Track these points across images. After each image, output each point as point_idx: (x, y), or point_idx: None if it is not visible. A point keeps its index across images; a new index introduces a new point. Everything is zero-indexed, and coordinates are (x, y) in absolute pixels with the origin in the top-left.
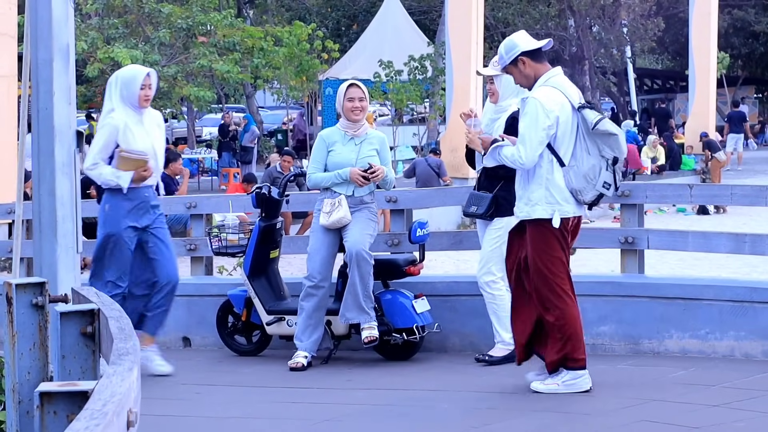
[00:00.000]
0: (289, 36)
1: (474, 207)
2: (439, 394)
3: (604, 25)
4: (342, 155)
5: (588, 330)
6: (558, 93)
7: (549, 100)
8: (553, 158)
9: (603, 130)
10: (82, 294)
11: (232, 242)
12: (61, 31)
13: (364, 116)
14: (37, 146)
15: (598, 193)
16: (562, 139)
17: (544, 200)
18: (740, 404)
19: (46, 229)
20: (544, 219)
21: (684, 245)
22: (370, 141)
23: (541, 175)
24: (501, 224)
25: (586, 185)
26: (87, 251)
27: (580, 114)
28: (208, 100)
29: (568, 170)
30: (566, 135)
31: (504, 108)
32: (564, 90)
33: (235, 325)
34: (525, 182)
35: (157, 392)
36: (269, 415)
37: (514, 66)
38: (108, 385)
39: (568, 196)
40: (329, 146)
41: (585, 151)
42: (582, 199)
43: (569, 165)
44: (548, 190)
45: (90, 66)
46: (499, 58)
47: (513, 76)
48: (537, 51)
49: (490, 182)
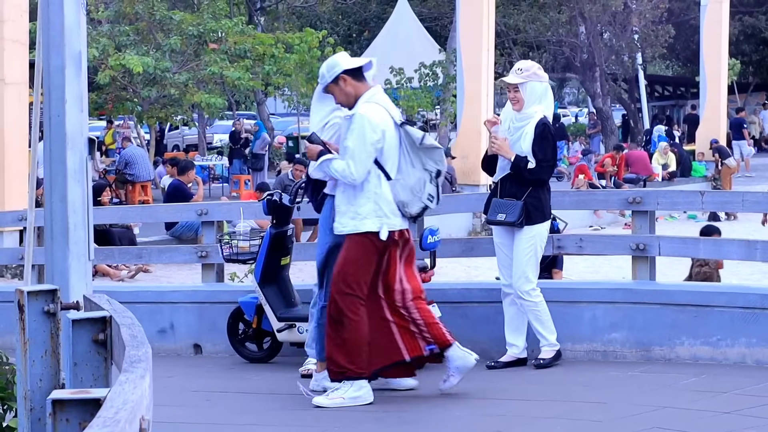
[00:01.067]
0: (300, 43)
1: (502, 215)
2: (450, 401)
3: (615, 31)
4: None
5: (599, 337)
6: (382, 110)
7: (375, 116)
8: (380, 173)
9: (429, 145)
10: (94, 301)
11: (243, 249)
12: (74, 38)
13: None
14: (49, 153)
15: (423, 205)
16: (389, 154)
17: (374, 214)
18: (752, 411)
19: (58, 236)
20: (371, 232)
21: (695, 252)
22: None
23: (370, 189)
24: (532, 232)
25: (412, 198)
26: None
27: (402, 130)
28: (219, 107)
29: (394, 183)
30: (392, 150)
31: (530, 115)
32: (387, 107)
33: (246, 332)
34: (351, 197)
35: (167, 399)
36: (280, 422)
37: (335, 84)
38: (120, 392)
39: (395, 208)
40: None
41: (410, 165)
42: (408, 212)
43: (395, 179)
44: (377, 204)
45: (101, 73)
46: (321, 77)
47: (333, 94)
48: (358, 70)
49: (519, 189)
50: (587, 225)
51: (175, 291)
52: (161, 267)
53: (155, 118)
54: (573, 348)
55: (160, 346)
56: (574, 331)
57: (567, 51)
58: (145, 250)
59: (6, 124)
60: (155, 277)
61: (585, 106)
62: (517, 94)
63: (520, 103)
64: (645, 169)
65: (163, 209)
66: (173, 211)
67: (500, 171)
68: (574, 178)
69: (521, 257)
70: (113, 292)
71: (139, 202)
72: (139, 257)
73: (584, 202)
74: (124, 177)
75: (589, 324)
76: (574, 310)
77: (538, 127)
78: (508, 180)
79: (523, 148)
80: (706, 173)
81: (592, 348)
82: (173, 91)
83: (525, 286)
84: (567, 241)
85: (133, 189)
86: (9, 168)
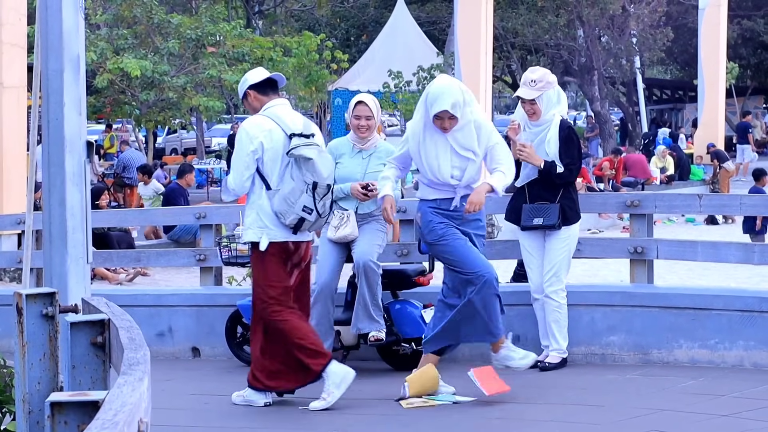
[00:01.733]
0: (298, 46)
1: (538, 219)
2: (448, 405)
3: (613, 35)
4: (348, 168)
5: (597, 340)
6: (267, 121)
7: (253, 127)
8: (263, 183)
9: (298, 155)
10: (93, 304)
11: (242, 252)
12: (72, 41)
13: (371, 133)
14: (48, 156)
15: (298, 216)
16: (271, 165)
17: (255, 224)
18: (750, 414)
19: (57, 239)
20: (255, 243)
21: (693, 255)
22: (378, 155)
23: (254, 200)
24: (568, 233)
25: (287, 208)
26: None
27: (290, 141)
28: (217, 111)
29: (273, 194)
30: (275, 161)
31: (548, 119)
32: (278, 118)
33: (244, 335)
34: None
35: (166, 402)
36: (277, 425)
37: (245, 99)
38: (119, 395)
39: (276, 219)
40: (336, 158)
41: (290, 176)
42: (285, 222)
43: (275, 189)
44: (258, 215)
45: (99, 77)
46: (239, 92)
47: (246, 107)
48: (262, 84)
49: (550, 192)
50: (585, 228)
51: (173, 294)
52: (159, 270)
53: (153, 121)
54: (571, 351)
55: (159, 349)
56: (572, 334)
57: (565, 54)
58: (143, 254)
59: (4, 128)
60: (153, 281)
61: (583, 110)
62: (534, 107)
63: (538, 114)
64: (643, 173)
65: (162, 213)
66: (171, 214)
67: (525, 177)
68: None
69: (555, 258)
70: (111, 296)
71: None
72: (137, 260)
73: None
74: (122, 180)
75: (587, 327)
76: (572, 313)
77: (562, 130)
78: (537, 184)
79: (549, 153)
80: (704, 177)
81: (590, 351)
82: (171, 95)
83: (555, 286)
84: None
85: (131, 192)
86: (7, 171)
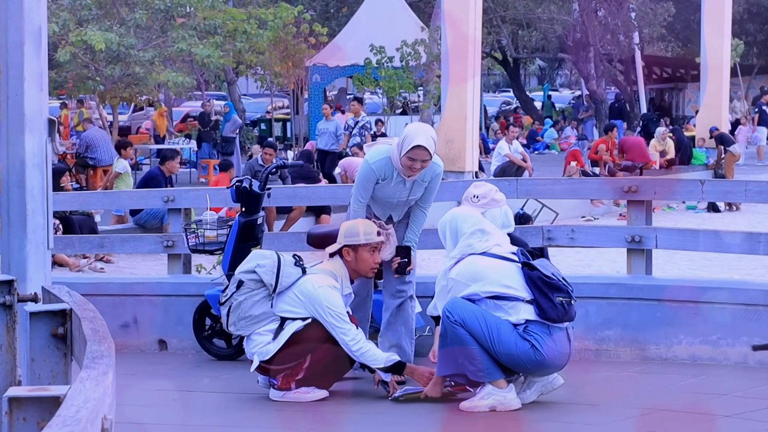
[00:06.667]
0: (274, 19)
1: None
2: (433, 402)
3: (611, 9)
4: (393, 189)
5: (591, 335)
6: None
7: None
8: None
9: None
10: (53, 293)
11: (209, 239)
12: (33, 12)
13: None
14: (6, 135)
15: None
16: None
17: None
18: (754, 415)
19: (15, 223)
20: None
21: (695, 245)
22: (423, 176)
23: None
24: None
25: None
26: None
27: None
28: (186, 87)
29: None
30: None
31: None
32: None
33: (213, 327)
34: None
35: (131, 398)
36: (250, 423)
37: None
38: (81, 390)
39: None
40: (380, 178)
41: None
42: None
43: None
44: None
45: (61, 50)
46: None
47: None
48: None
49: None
50: (579, 215)
51: (139, 283)
52: (124, 257)
53: (119, 98)
54: None
55: (123, 341)
56: None
57: (559, 29)
58: (107, 239)
59: None
60: (118, 268)
61: (578, 88)
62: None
63: None
64: (642, 156)
65: (127, 195)
66: (138, 197)
67: None
68: (566, 165)
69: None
70: (73, 284)
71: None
72: (100, 246)
73: (576, 190)
74: (84, 161)
75: (581, 321)
76: None
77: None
78: None
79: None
80: (707, 161)
81: (583, 347)
82: (138, 70)
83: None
84: (558, 232)
85: (94, 174)
86: None
